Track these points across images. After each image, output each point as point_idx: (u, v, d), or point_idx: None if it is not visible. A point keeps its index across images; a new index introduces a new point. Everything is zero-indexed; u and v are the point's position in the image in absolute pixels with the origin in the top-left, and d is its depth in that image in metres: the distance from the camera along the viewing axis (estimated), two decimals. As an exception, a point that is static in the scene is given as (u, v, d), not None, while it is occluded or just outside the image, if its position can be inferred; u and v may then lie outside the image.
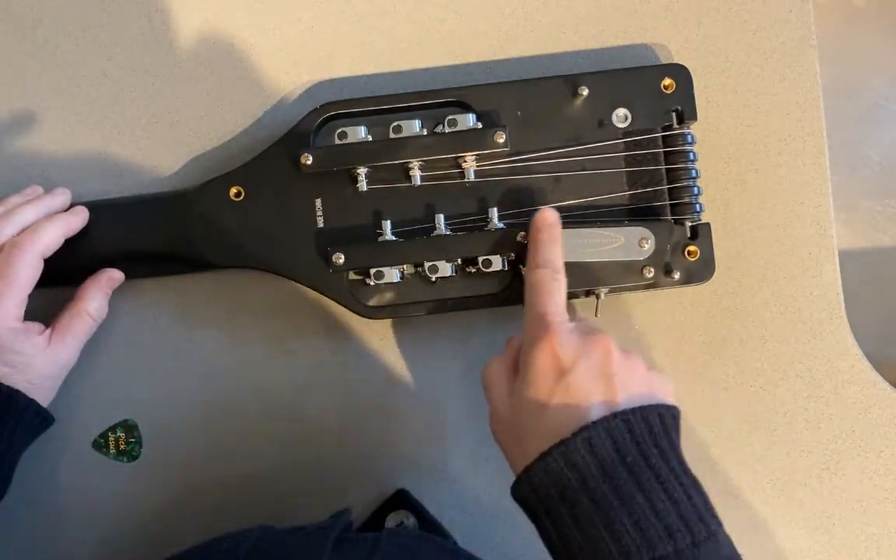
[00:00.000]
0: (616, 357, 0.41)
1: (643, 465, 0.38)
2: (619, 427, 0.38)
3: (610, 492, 0.37)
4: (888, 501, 0.54)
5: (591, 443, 0.38)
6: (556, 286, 0.44)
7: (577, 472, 0.38)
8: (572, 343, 0.41)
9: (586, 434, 0.38)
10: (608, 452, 0.38)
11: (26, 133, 0.56)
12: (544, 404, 0.40)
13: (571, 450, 0.38)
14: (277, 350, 0.55)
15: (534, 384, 0.41)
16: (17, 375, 0.48)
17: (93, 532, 0.55)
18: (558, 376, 0.40)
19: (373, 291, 0.52)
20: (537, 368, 0.41)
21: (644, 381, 0.41)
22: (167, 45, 0.56)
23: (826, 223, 0.55)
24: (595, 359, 0.41)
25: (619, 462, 0.38)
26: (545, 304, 0.43)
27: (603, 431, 0.38)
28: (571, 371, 0.40)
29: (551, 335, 0.41)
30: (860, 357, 0.55)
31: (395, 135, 0.51)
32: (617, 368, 0.41)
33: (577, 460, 0.38)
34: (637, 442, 0.38)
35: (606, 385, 0.40)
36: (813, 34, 0.56)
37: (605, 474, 0.38)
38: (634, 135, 0.52)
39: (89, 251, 0.53)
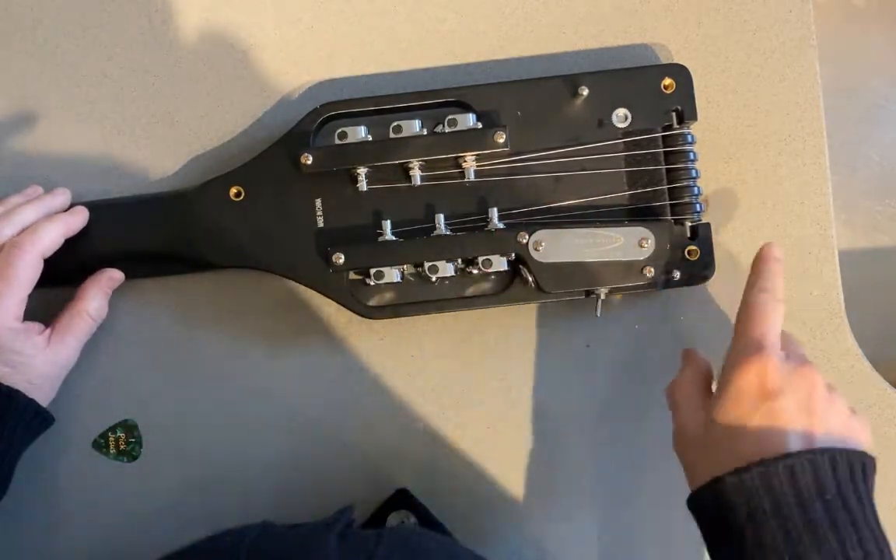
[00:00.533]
0: (822, 394, 0.41)
1: (840, 507, 0.38)
2: (824, 463, 0.38)
3: (803, 524, 0.37)
4: (888, 501, 0.54)
5: (793, 470, 0.38)
6: (776, 312, 0.44)
7: (772, 496, 0.38)
8: (782, 370, 0.41)
9: (790, 461, 0.38)
10: (808, 485, 0.38)
11: (26, 133, 0.56)
12: (744, 424, 0.40)
13: (772, 472, 0.38)
14: (277, 350, 0.55)
15: (736, 402, 0.41)
16: (16, 375, 0.48)
17: (93, 532, 0.55)
18: (763, 399, 0.40)
19: (373, 291, 0.52)
20: (743, 387, 0.41)
21: (845, 423, 0.41)
22: (167, 45, 0.56)
23: (826, 223, 0.55)
24: (802, 391, 0.41)
25: (817, 497, 0.38)
26: (763, 328, 0.43)
27: (807, 462, 0.38)
28: (777, 397, 0.40)
29: (763, 358, 0.41)
30: (860, 357, 0.55)
31: (395, 135, 0.51)
32: (821, 405, 0.41)
33: (776, 484, 0.38)
34: (838, 482, 0.38)
35: (809, 419, 0.40)
36: (813, 34, 0.56)
37: (801, 506, 0.38)
38: (634, 135, 0.52)
39: (89, 251, 0.53)
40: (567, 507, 0.55)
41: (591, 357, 0.55)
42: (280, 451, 0.55)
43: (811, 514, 0.37)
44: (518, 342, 0.55)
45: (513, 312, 0.55)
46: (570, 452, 0.55)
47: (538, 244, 0.50)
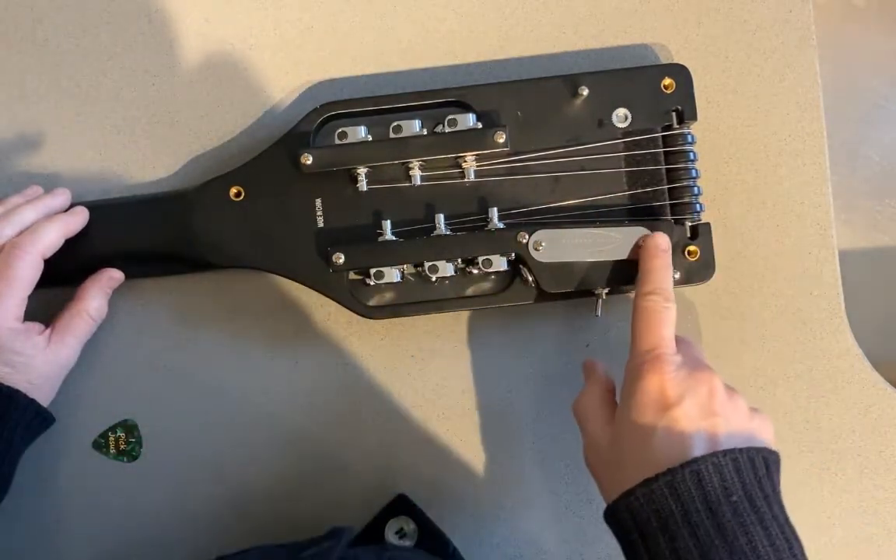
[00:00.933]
0: (721, 396, 0.41)
1: (748, 507, 0.38)
2: (727, 464, 0.39)
3: (712, 528, 0.38)
4: (888, 501, 0.54)
5: (699, 476, 0.38)
6: (667, 315, 0.44)
7: (681, 505, 0.38)
8: (680, 378, 0.42)
9: (695, 466, 0.38)
10: (714, 489, 0.38)
11: (26, 133, 0.56)
12: (648, 435, 0.41)
13: (678, 480, 0.38)
14: (277, 350, 0.55)
15: (639, 414, 0.41)
16: (17, 375, 0.48)
17: (93, 532, 0.55)
18: (663, 409, 0.41)
19: (373, 291, 0.52)
20: (644, 399, 0.41)
21: (746, 423, 0.42)
22: (167, 45, 0.56)
23: (826, 223, 0.55)
24: (701, 396, 0.41)
25: (724, 500, 0.38)
26: (656, 335, 0.43)
27: (712, 466, 0.38)
28: (678, 405, 0.40)
29: (660, 368, 0.42)
30: (860, 357, 0.55)
31: (395, 135, 0.51)
32: (721, 407, 0.41)
33: (683, 492, 0.38)
34: (743, 482, 0.39)
35: (710, 423, 0.40)
36: (813, 34, 0.56)
37: (709, 510, 0.38)
38: (634, 135, 0.52)
39: (89, 251, 0.53)
40: (567, 507, 0.55)
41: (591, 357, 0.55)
42: (279, 451, 0.55)
43: (719, 518, 0.38)
44: (518, 342, 0.55)
45: (513, 312, 0.55)
46: (570, 453, 0.55)
47: (538, 244, 0.50)
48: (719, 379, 0.42)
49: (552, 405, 0.55)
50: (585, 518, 0.54)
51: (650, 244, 0.48)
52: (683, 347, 0.45)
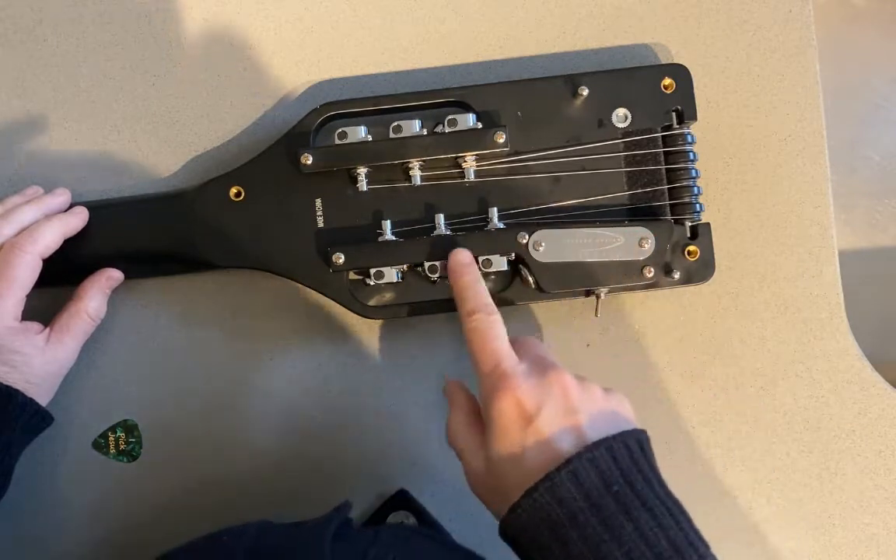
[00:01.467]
0: (575, 390, 0.41)
1: (629, 493, 0.38)
2: (602, 456, 0.38)
3: (598, 524, 0.37)
4: (888, 501, 0.54)
5: (577, 474, 0.38)
6: (495, 328, 0.44)
7: (564, 507, 0.38)
8: (531, 387, 0.41)
9: (570, 467, 0.38)
10: (593, 483, 0.38)
11: (26, 133, 0.56)
12: (518, 454, 0.40)
13: (557, 483, 0.38)
14: (277, 350, 0.55)
15: (503, 436, 0.41)
16: (15, 375, 0.48)
17: (93, 532, 0.55)
18: (526, 423, 0.40)
19: (373, 291, 0.52)
20: (504, 421, 0.41)
21: (605, 407, 0.41)
22: (167, 45, 0.56)
23: (826, 223, 0.55)
24: (557, 397, 0.41)
25: (605, 492, 0.38)
26: (492, 354, 0.43)
27: (587, 462, 0.38)
28: (538, 416, 0.40)
29: (509, 385, 0.41)
30: (860, 357, 0.55)
31: (395, 135, 0.51)
32: (579, 402, 0.41)
33: (564, 494, 0.38)
34: (621, 469, 0.38)
35: (573, 419, 0.40)
36: (813, 34, 0.56)
37: (592, 506, 0.38)
38: (634, 135, 0.52)
39: (89, 251, 0.53)
40: (567, 507, 0.55)
41: (591, 357, 0.55)
42: (280, 451, 0.55)
43: (604, 512, 0.37)
44: (518, 342, 0.55)
45: (513, 312, 0.55)
46: (570, 452, 0.55)
47: (538, 244, 0.50)
48: (568, 373, 0.42)
49: (552, 405, 0.55)
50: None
51: (454, 264, 0.47)
52: (524, 350, 0.44)
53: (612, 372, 0.55)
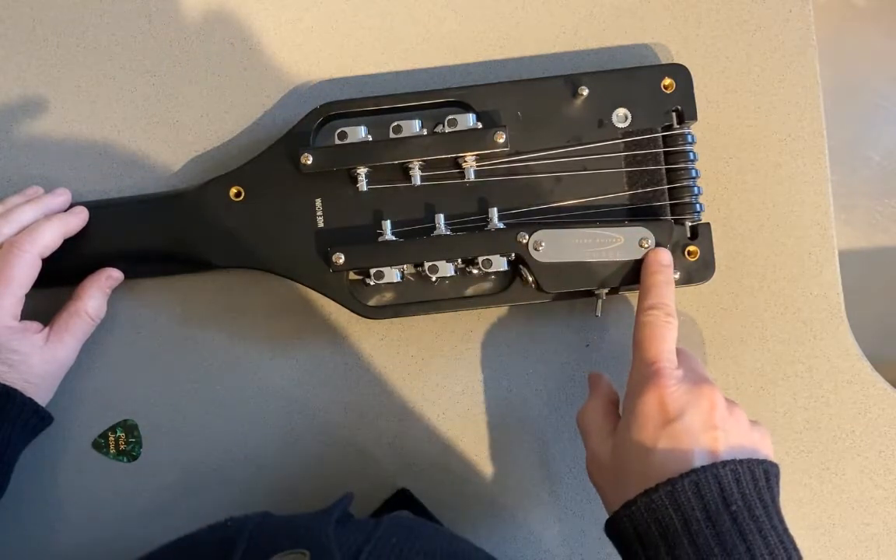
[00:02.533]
0: (721, 410, 0.42)
1: (746, 517, 0.39)
2: (726, 475, 0.39)
3: (712, 538, 0.38)
4: (888, 501, 0.54)
5: (699, 486, 0.39)
6: (668, 330, 0.45)
7: (680, 514, 0.39)
8: (681, 392, 0.42)
9: (694, 477, 0.39)
10: (714, 498, 0.39)
11: (26, 133, 0.56)
12: (649, 448, 0.41)
13: (678, 490, 0.39)
14: (277, 350, 0.55)
15: (640, 428, 0.42)
16: (14, 374, 0.48)
17: (93, 532, 0.55)
18: (665, 423, 0.41)
19: (373, 291, 0.52)
20: (645, 413, 0.42)
21: (746, 436, 0.42)
22: (167, 45, 0.56)
23: (826, 223, 0.55)
24: (702, 410, 0.41)
25: (723, 509, 0.39)
26: (657, 349, 0.44)
27: (711, 477, 0.39)
28: (678, 420, 0.41)
29: (661, 382, 0.42)
30: (860, 357, 0.55)
31: (395, 135, 0.51)
32: (721, 421, 0.41)
33: (683, 501, 0.39)
34: (742, 492, 0.39)
35: (711, 436, 0.41)
36: (813, 34, 0.56)
37: (709, 519, 0.38)
38: (634, 135, 0.52)
39: (89, 251, 0.53)
40: (567, 507, 0.55)
41: (591, 357, 0.55)
42: (280, 451, 0.55)
43: (719, 527, 0.38)
44: (518, 342, 0.55)
45: (513, 312, 0.55)
46: (570, 452, 0.55)
47: (538, 244, 0.50)
48: (720, 392, 0.43)
49: (552, 405, 0.55)
50: (586, 518, 0.54)
51: (652, 260, 0.49)
52: (684, 361, 0.45)
53: (612, 372, 0.55)
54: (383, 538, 0.41)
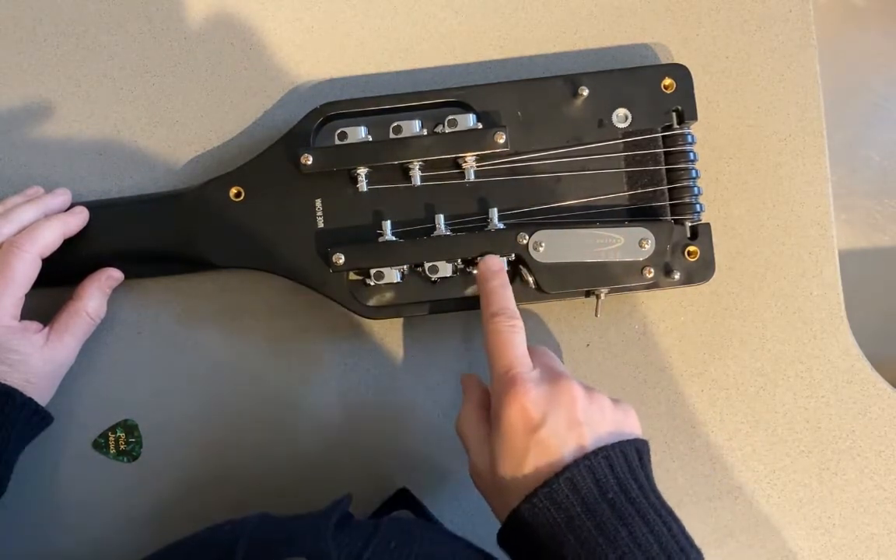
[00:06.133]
0: (582, 402, 0.42)
1: (623, 500, 0.39)
2: (599, 463, 0.40)
3: (594, 528, 0.39)
4: (888, 501, 0.54)
5: (574, 481, 0.39)
6: (514, 334, 0.44)
7: (562, 512, 0.39)
8: (540, 395, 0.42)
9: (568, 474, 0.39)
10: (590, 489, 0.39)
11: (27, 133, 0.56)
12: (520, 459, 0.41)
13: (556, 489, 0.39)
14: (277, 350, 0.55)
15: (508, 440, 0.42)
16: (13, 374, 0.48)
17: (93, 532, 0.55)
18: (531, 431, 0.41)
19: (373, 291, 0.52)
20: (509, 425, 0.42)
21: (611, 419, 0.42)
22: (167, 45, 0.56)
23: (826, 223, 0.55)
24: (564, 408, 0.41)
25: (600, 498, 0.39)
26: (507, 357, 0.43)
27: (584, 469, 0.39)
28: (543, 425, 0.41)
29: (519, 391, 0.42)
30: (860, 357, 0.55)
31: (395, 135, 0.51)
32: (584, 414, 0.42)
33: (562, 499, 0.39)
34: (616, 477, 0.40)
35: (577, 433, 0.41)
36: (813, 34, 0.56)
37: (588, 511, 0.39)
38: (634, 135, 0.52)
39: (89, 251, 0.53)
40: (567, 507, 0.55)
41: (591, 357, 0.55)
42: (280, 451, 0.55)
43: (599, 517, 0.39)
44: (518, 342, 0.55)
45: (513, 312, 0.55)
46: (570, 452, 0.55)
47: (538, 244, 0.50)
48: (578, 385, 0.42)
49: (552, 405, 0.55)
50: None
51: (483, 270, 0.48)
52: (538, 358, 0.45)
53: (612, 372, 0.55)
54: (382, 543, 0.41)
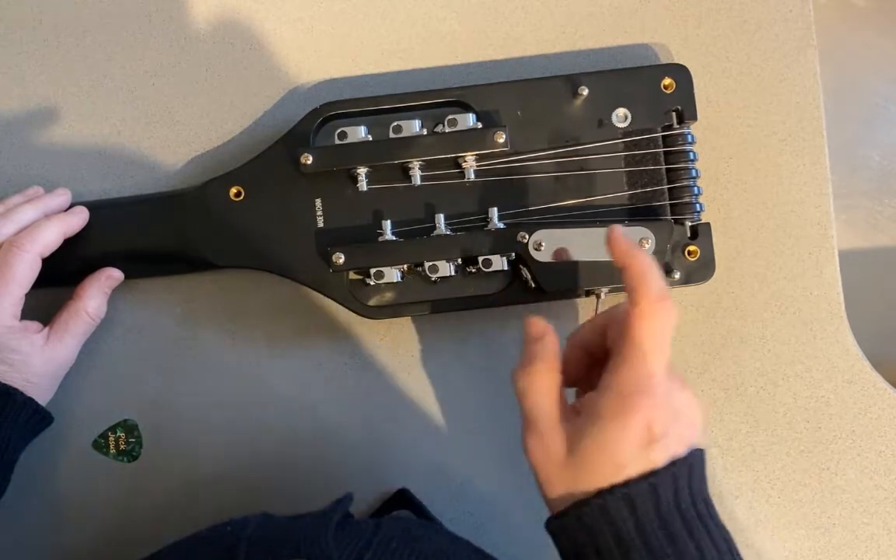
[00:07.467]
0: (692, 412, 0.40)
1: (693, 513, 0.38)
2: (682, 474, 0.38)
3: (665, 539, 0.37)
4: (888, 501, 0.54)
5: (657, 489, 0.37)
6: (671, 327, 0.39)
7: (636, 517, 0.37)
8: (668, 411, 0.38)
9: (654, 479, 0.37)
10: (667, 499, 0.38)
11: (27, 133, 0.56)
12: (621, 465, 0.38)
13: (636, 493, 0.37)
14: (277, 350, 0.55)
15: (616, 444, 0.38)
16: (14, 373, 0.48)
17: (93, 532, 0.55)
18: (647, 445, 0.38)
19: (373, 291, 0.52)
20: (626, 434, 0.38)
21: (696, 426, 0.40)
22: (167, 45, 0.56)
23: (826, 223, 0.55)
24: (681, 424, 0.39)
25: (674, 508, 0.38)
26: (660, 358, 0.38)
27: (669, 478, 0.38)
28: (660, 441, 0.38)
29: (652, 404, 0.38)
30: (860, 357, 0.55)
31: (395, 135, 0.51)
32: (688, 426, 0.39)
33: (640, 505, 0.37)
34: (691, 487, 0.38)
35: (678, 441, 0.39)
36: (813, 34, 0.56)
37: (661, 520, 0.37)
38: (634, 135, 0.52)
39: (89, 251, 0.53)
40: (567, 507, 0.55)
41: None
42: (280, 451, 0.55)
43: (671, 528, 0.37)
44: (518, 342, 0.55)
45: (513, 312, 0.55)
46: (570, 452, 0.55)
47: (538, 244, 0.50)
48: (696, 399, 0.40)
49: (552, 405, 0.55)
50: (585, 518, 0.54)
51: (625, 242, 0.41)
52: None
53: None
54: (383, 543, 0.40)
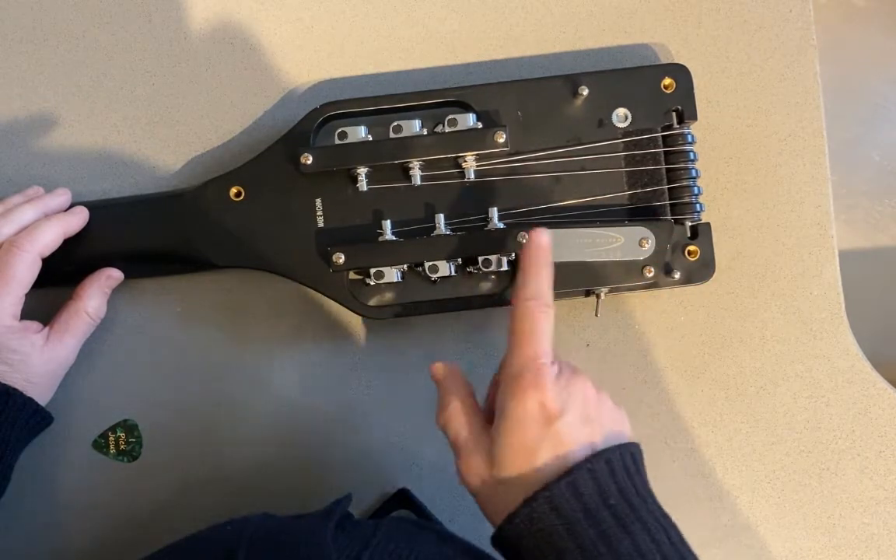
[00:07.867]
0: (594, 399, 0.41)
1: (625, 507, 0.38)
2: (601, 469, 0.38)
3: (597, 537, 0.37)
4: (888, 501, 0.54)
5: (577, 487, 0.38)
6: (547, 323, 0.42)
7: (563, 519, 0.38)
8: (560, 388, 0.40)
9: (570, 478, 0.38)
10: (592, 496, 0.38)
11: (27, 133, 0.56)
12: (531, 451, 0.39)
13: (557, 495, 0.38)
14: (277, 350, 0.55)
15: (520, 431, 0.40)
16: (14, 373, 0.48)
17: (93, 532, 0.55)
18: (547, 423, 0.39)
19: (373, 291, 0.52)
20: (525, 414, 0.40)
21: (614, 418, 0.42)
22: (167, 45, 0.56)
23: (826, 223, 0.55)
24: (580, 404, 0.40)
25: (602, 505, 0.38)
26: (535, 345, 0.41)
27: (587, 474, 0.38)
28: (560, 418, 0.39)
29: (542, 383, 0.40)
30: (860, 357, 0.55)
31: (395, 135, 0.51)
32: (595, 412, 0.41)
33: (563, 505, 0.38)
34: (617, 483, 0.39)
35: (590, 429, 0.40)
36: (813, 34, 0.56)
37: (590, 518, 0.38)
38: (634, 135, 0.52)
39: (89, 251, 0.53)
40: (567, 507, 0.55)
41: (590, 357, 0.55)
42: (280, 451, 0.55)
43: (602, 525, 0.37)
44: (518, 342, 0.55)
45: (513, 312, 0.55)
46: (570, 452, 0.55)
47: (538, 244, 0.50)
48: (589, 380, 0.41)
49: (552, 405, 0.55)
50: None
51: (531, 243, 0.44)
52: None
53: (612, 372, 0.55)
54: (382, 543, 0.40)
